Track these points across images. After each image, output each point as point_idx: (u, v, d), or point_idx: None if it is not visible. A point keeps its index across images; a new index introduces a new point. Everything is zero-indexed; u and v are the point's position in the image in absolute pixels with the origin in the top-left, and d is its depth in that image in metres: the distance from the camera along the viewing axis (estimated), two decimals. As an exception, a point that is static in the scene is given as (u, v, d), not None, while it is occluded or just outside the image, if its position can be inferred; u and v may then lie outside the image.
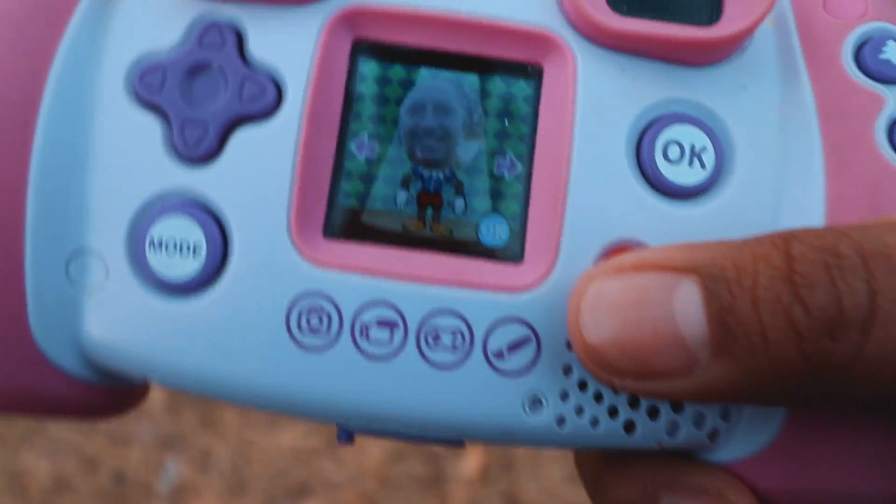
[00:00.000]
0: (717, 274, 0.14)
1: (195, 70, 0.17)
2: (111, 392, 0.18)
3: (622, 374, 0.15)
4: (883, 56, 0.17)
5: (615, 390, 0.16)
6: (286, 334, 0.16)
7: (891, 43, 0.17)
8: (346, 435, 0.18)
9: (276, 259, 0.16)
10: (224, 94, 0.16)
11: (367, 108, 0.17)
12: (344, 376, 0.16)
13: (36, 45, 0.16)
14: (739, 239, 0.15)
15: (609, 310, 0.15)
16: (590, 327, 0.15)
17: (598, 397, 0.17)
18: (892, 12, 0.18)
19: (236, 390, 0.17)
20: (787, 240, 0.14)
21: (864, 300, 0.14)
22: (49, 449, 0.74)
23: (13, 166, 0.16)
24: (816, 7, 0.18)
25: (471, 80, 0.17)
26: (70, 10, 0.16)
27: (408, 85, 0.17)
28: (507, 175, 0.17)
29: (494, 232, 0.17)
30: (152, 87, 0.16)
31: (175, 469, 0.74)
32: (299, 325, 0.16)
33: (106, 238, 0.16)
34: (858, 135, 0.17)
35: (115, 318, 0.16)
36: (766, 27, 0.18)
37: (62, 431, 0.75)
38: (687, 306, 0.14)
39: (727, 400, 0.15)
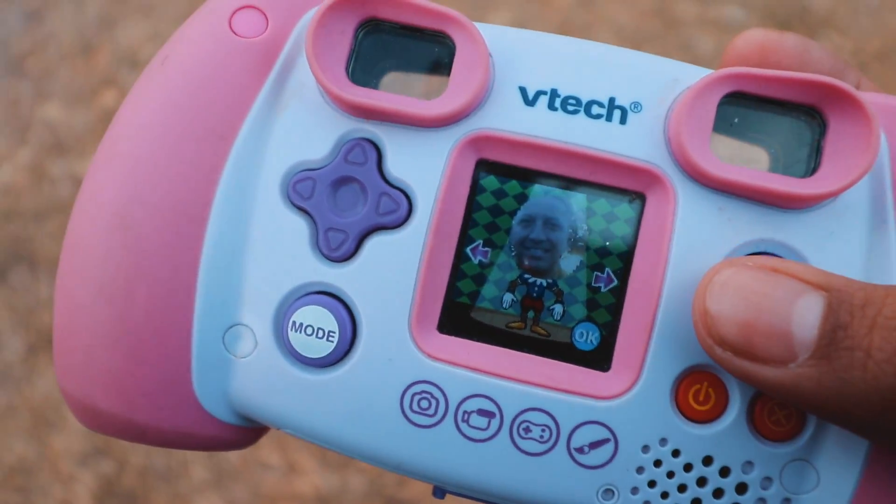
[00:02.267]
0: (845, 298, 0.16)
1: (340, 182, 0.19)
2: (247, 431, 0.21)
3: (726, 345, 0.17)
4: (972, 217, 0.18)
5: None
6: (399, 411, 0.19)
7: (984, 206, 0.18)
8: (441, 493, 0.21)
9: (397, 349, 0.19)
10: (363, 207, 0.19)
11: (484, 218, 0.19)
12: (444, 452, 0.19)
13: (210, 153, 0.19)
14: None
15: (737, 290, 0.17)
16: (714, 298, 0.17)
17: (664, 495, 0.19)
18: None
19: (353, 451, 0.20)
20: None
21: None
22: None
23: (188, 255, 0.19)
24: None
25: (578, 198, 0.19)
26: (240, 122, 0.19)
27: (522, 199, 0.19)
28: (603, 288, 0.19)
29: (587, 338, 0.19)
30: (303, 194, 0.19)
31: None
32: (411, 406, 0.19)
33: (256, 316, 0.19)
34: None
35: (259, 381, 0.20)
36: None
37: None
38: (806, 312, 0.16)
39: (809, 402, 0.17)
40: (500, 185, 0.20)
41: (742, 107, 0.19)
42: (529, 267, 0.19)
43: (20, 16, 1.10)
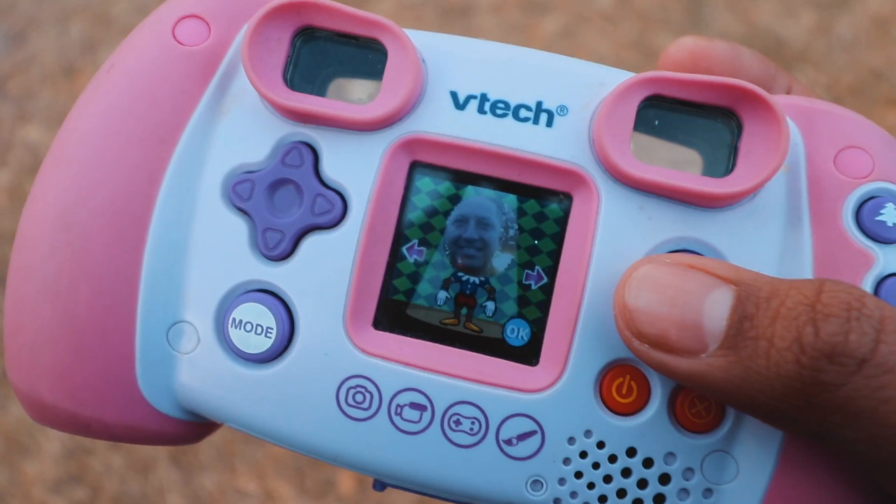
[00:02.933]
0: (753, 291, 0.17)
1: (278, 184, 0.20)
2: (192, 426, 0.22)
3: (643, 337, 0.18)
4: (879, 217, 0.19)
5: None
6: (335, 405, 0.20)
7: (889, 205, 0.19)
8: (381, 486, 0.21)
9: (332, 344, 0.20)
10: (300, 207, 0.20)
11: (419, 218, 0.20)
12: (379, 444, 0.20)
13: (153, 156, 0.20)
14: None
15: (653, 285, 0.18)
16: (633, 293, 0.18)
17: (591, 486, 0.19)
18: (899, 169, 0.20)
19: (292, 443, 0.20)
20: (823, 281, 0.17)
21: (868, 343, 0.16)
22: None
23: (131, 254, 0.20)
24: (827, 161, 0.20)
25: (510, 199, 0.20)
26: (182, 126, 0.20)
27: (455, 200, 0.20)
28: (533, 285, 0.20)
29: (518, 334, 0.20)
30: (242, 195, 0.20)
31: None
32: (347, 400, 0.20)
33: (198, 314, 0.20)
34: None
35: (201, 376, 0.20)
36: (781, 173, 0.20)
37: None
38: (716, 305, 0.17)
39: (720, 390, 0.17)
40: (435, 187, 0.20)
41: (663, 109, 0.20)
42: (463, 265, 0.20)
43: (3, 37, 1.10)
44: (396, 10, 1.09)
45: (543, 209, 0.20)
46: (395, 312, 0.20)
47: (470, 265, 0.20)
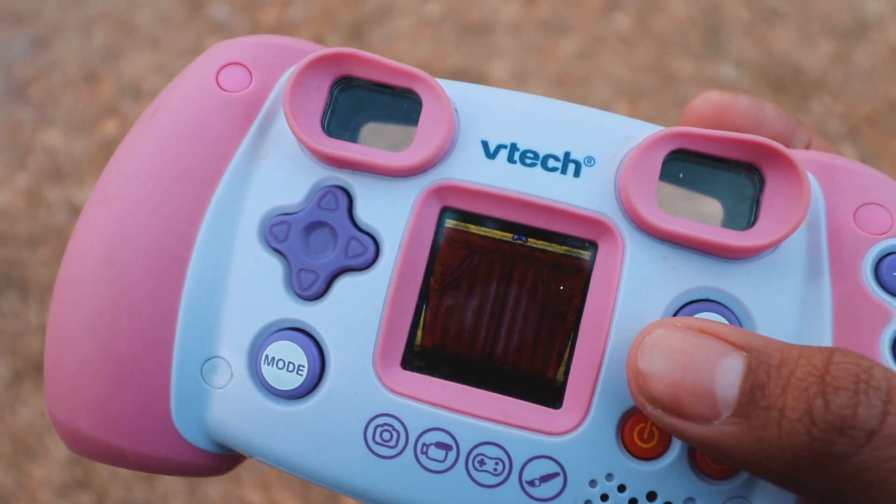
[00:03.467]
0: (764, 359, 0.17)
1: (313, 226, 0.21)
2: (222, 458, 0.22)
3: (656, 403, 0.18)
4: (897, 273, 0.19)
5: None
6: (363, 442, 0.20)
7: (907, 261, 0.19)
8: (404, 521, 0.22)
9: (361, 383, 0.20)
10: (334, 249, 0.20)
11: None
12: (404, 482, 0.20)
13: (194, 198, 0.21)
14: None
15: (666, 351, 0.18)
16: (645, 358, 0.18)
17: (611, 527, 0.20)
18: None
19: (319, 479, 0.21)
20: (832, 351, 0.17)
21: (877, 415, 0.16)
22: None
23: (171, 291, 0.20)
24: (847, 217, 0.20)
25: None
26: (223, 169, 0.21)
27: None
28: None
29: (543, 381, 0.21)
30: (279, 237, 0.21)
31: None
32: (374, 437, 0.20)
33: (232, 350, 0.21)
34: (865, 342, 0.19)
35: (233, 411, 0.21)
36: (802, 227, 0.20)
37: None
38: (728, 372, 0.17)
39: (733, 456, 0.18)
40: None
41: (687, 162, 0.20)
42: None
43: (27, 42, 1.11)
44: (416, 26, 1.09)
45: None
46: (421, 356, 0.21)
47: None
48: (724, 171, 0.20)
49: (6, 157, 1.03)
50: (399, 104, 0.21)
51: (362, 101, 0.21)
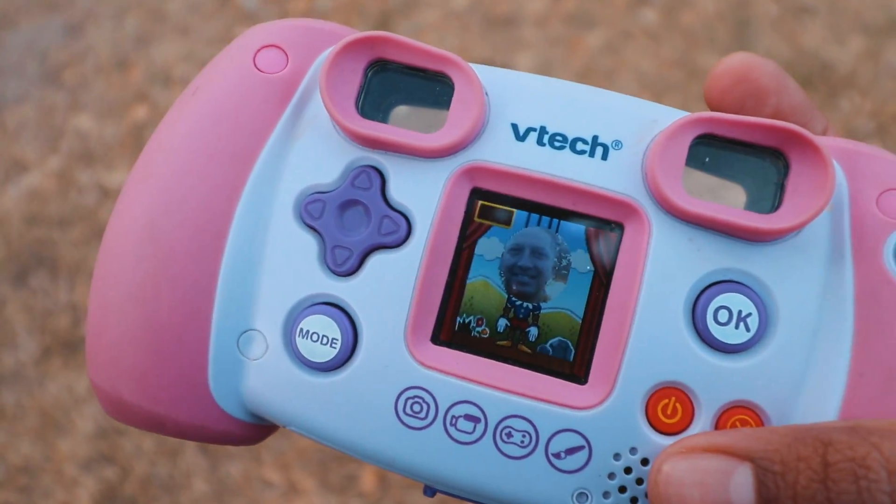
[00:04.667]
0: (767, 467, 0.18)
1: (347, 205, 0.21)
2: (256, 428, 0.23)
3: None
4: (920, 256, 0.20)
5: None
6: (394, 414, 0.21)
7: (930, 246, 0.20)
8: (431, 492, 0.23)
9: (393, 356, 0.21)
10: (367, 227, 0.21)
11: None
12: (433, 452, 0.21)
13: (232, 175, 0.21)
14: (787, 428, 0.18)
15: (678, 486, 0.19)
16: (663, 497, 0.19)
17: (633, 500, 0.21)
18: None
19: (350, 448, 0.22)
20: (826, 445, 0.18)
21: None
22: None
23: (209, 265, 0.21)
24: (870, 202, 0.20)
25: (565, 227, 0.21)
26: (260, 148, 0.22)
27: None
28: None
29: (568, 356, 0.21)
30: (314, 214, 0.21)
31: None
32: (405, 409, 0.21)
33: (268, 323, 0.21)
34: (886, 325, 0.19)
35: (268, 381, 0.22)
36: (826, 212, 0.21)
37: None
38: (741, 489, 0.18)
39: None
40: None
41: (713, 147, 0.21)
42: (517, 292, 0.21)
43: (61, 28, 1.13)
44: (443, 18, 1.10)
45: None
46: (451, 330, 0.21)
47: (523, 291, 0.21)
48: (750, 155, 0.21)
49: (39, 140, 1.05)
50: (431, 87, 0.22)
51: (395, 84, 0.22)
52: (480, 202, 0.21)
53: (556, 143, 0.21)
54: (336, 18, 1.12)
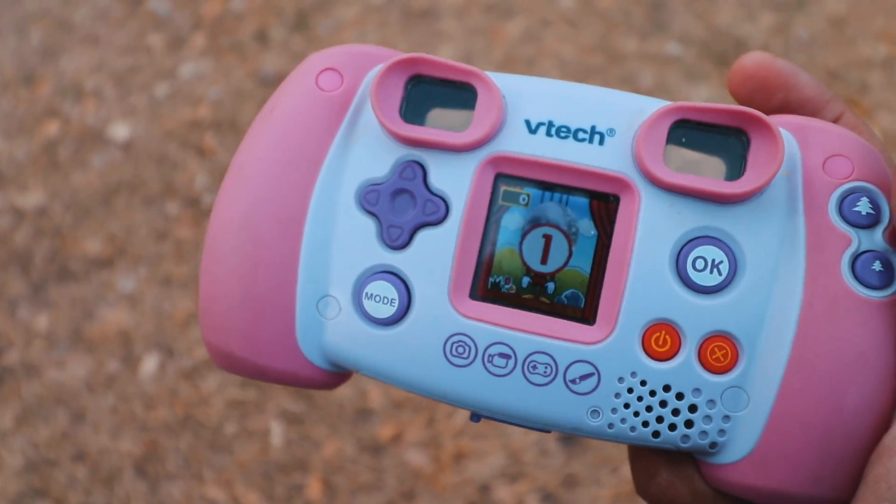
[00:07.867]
0: None
1: (397, 193, 0.27)
2: (333, 375, 0.29)
3: None
4: (856, 208, 0.25)
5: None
6: (442, 356, 0.27)
7: (864, 199, 0.25)
8: (477, 417, 0.28)
9: (440, 310, 0.26)
10: (414, 209, 0.27)
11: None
12: (475, 385, 0.27)
13: (306, 175, 0.27)
14: None
15: None
16: None
17: (636, 413, 0.26)
18: (875, 169, 0.25)
19: (410, 386, 0.27)
20: None
21: None
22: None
23: (292, 246, 0.27)
24: (818, 166, 0.25)
25: (571, 201, 0.27)
26: (325, 152, 0.27)
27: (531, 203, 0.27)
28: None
29: (579, 304, 0.27)
30: (371, 201, 0.27)
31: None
32: (451, 352, 0.26)
33: (340, 289, 0.27)
34: (829, 263, 0.25)
35: (342, 336, 0.27)
36: (782, 177, 0.26)
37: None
38: None
39: None
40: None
41: (689, 129, 0.26)
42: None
43: (-37, 46, 1.02)
44: (362, 14, 1.06)
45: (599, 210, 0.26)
46: (485, 288, 0.27)
47: (542, 254, 0.27)
48: (718, 134, 0.26)
49: (-53, 164, 0.96)
50: (459, 94, 0.27)
51: (430, 94, 0.27)
52: (503, 185, 0.27)
53: (562, 134, 0.26)
54: (252, 19, 1.05)
